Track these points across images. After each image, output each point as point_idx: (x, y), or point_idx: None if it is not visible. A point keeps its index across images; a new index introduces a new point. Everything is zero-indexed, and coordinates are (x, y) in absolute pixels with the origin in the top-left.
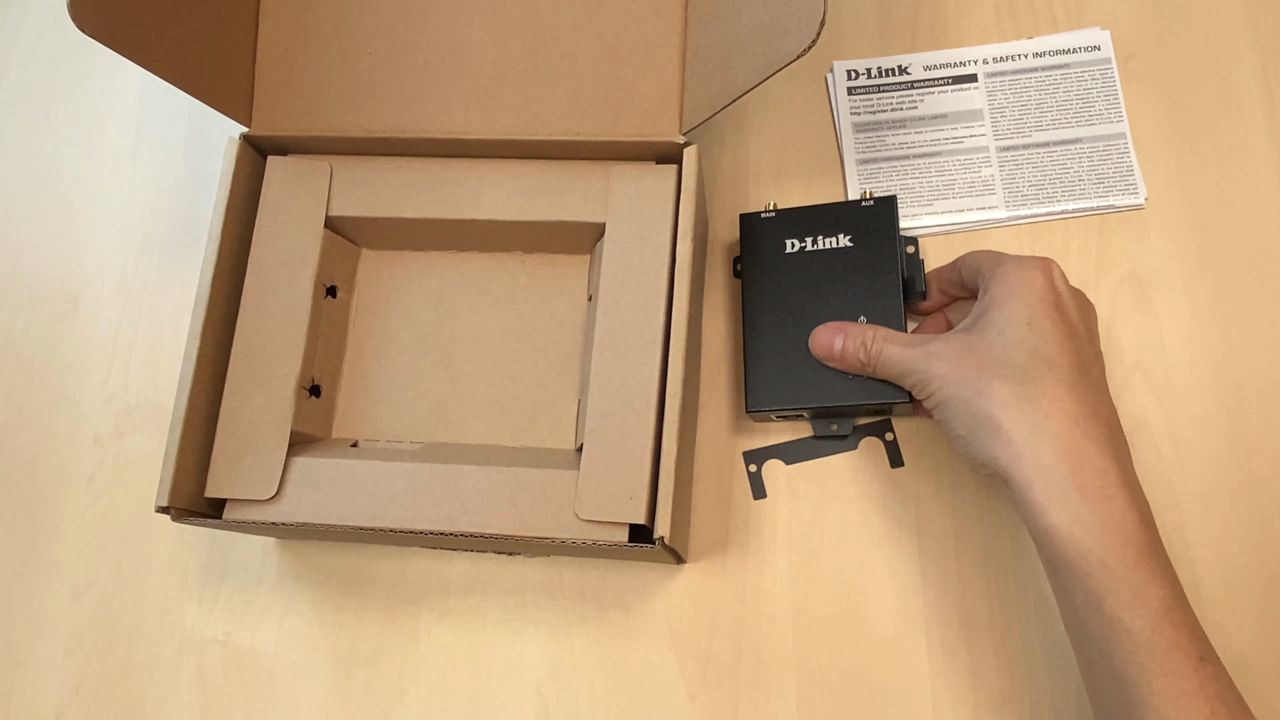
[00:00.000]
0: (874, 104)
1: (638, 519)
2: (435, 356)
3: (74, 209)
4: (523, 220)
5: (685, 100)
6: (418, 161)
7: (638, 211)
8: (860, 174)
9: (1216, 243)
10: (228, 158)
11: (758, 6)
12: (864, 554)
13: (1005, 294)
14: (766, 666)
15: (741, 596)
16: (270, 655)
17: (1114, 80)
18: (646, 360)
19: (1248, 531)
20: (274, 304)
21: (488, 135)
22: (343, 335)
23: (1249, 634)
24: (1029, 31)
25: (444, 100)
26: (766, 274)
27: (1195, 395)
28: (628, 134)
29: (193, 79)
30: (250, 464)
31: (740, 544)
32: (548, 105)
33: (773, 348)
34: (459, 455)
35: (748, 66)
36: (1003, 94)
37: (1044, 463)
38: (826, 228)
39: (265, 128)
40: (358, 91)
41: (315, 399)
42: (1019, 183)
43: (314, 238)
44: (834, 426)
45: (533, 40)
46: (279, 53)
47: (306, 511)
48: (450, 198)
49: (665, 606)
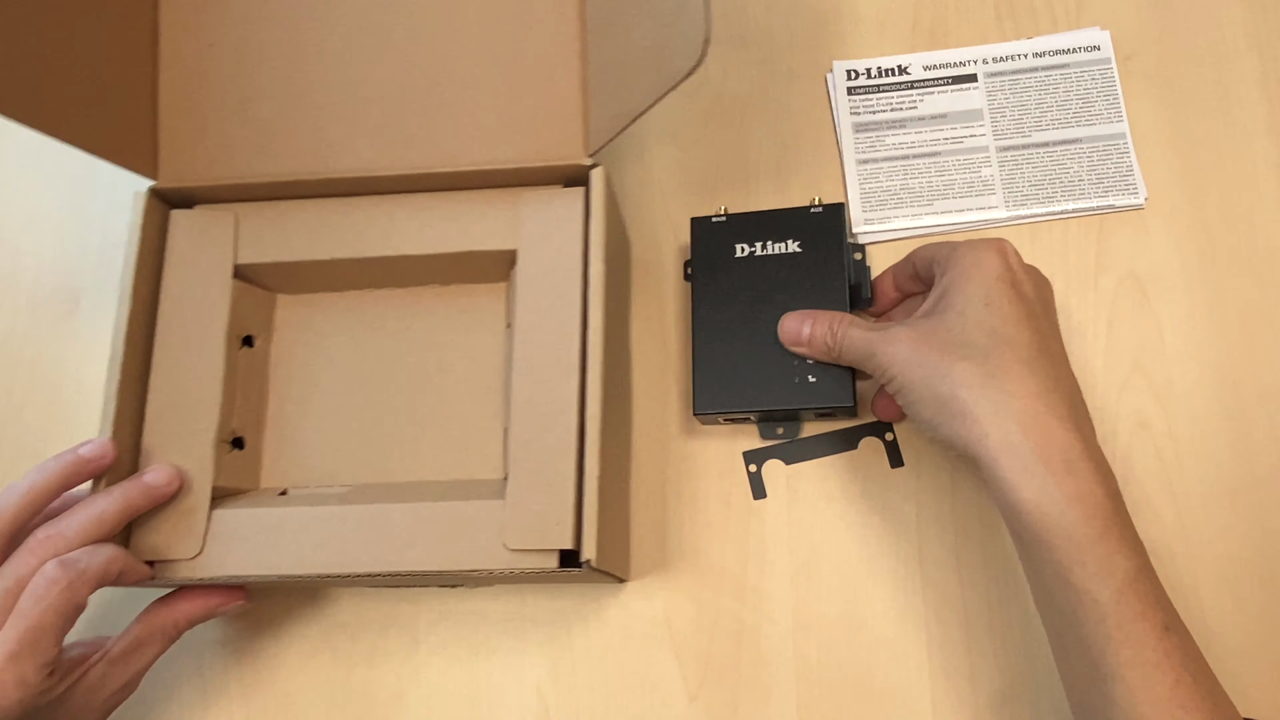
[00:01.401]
0: (874, 104)
1: (565, 544)
2: (360, 396)
3: (75, 208)
4: (435, 253)
5: (589, 122)
6: (327, 202)
7: (549, 236)
8: (860, 174)
9: (1216, 243)
10: (135, 212)
11: (648, 27)
12: (864, 554)
13: (962, 276)
14: (766, 666)
15: (741, 596)
16: (270, 655)
17: (1114, 80)
18: (565, 384)
19: (1248, 531)
20: (187, 359)
21: (394, 171)
22: (263, 384)
23: (1249, 634)
24: (1029, 31)
25: (348, 139)
26: (716, 278)
27: (1195, 395)
28: (534, 159)
29: (94, 137)
30: (173, 523)
31: (740, 544)
32: (452, 136)
33: (721, 351)
34: (387, 495)
35: (643, 87)
36: (1002, 94)
37: (1009, 440)
38: (776, 233)
39: (173, 179)
40: (262, 136)
41: (239, 450)
42: (1019, 183)
43: (223, 289)
44: (780, 430)
45: (432, 72)
46: (181, 103)
47: (233, 565)
48: (361, 236)
49: (665, 606)
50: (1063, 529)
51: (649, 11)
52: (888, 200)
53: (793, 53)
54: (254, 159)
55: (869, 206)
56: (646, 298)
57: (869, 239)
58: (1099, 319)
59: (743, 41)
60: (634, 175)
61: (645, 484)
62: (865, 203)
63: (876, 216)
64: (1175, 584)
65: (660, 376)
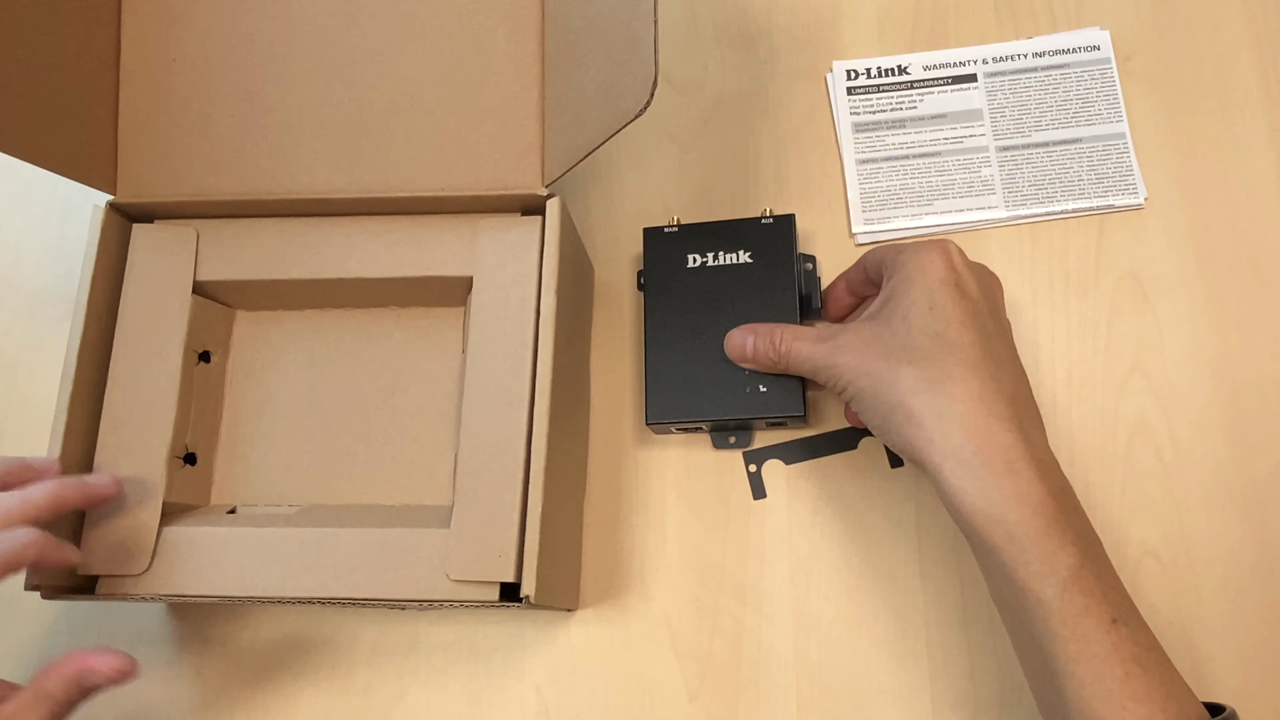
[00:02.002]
0: (873, 104)
1: (506, 577)
2: (313, 416)
3: (75, 209)
4: (391, 277)
5: (546, 153)
6: (285, 222)
7: (504, 264)
8: (860, 174)
9: (1216, 243)
10: (93, 227)
11: (601, 63)
12: (864, 554)
13: (906, 280)
14: (766, 666)
15: (741, 596)
16: (270, 655)
17: (1113, 80)
18: (513, 416)
19: (1248, 531)
20: (143, 373)
21: (352, 194)
22: (218, 400)
23: (1249, 634)
24: (1029, 31)
25: (307, 160)
26: (668, 288)
27: (1195, 395)
28: (492, 188)
29: (52, 154)
30: (122, 538)
31: (740, 544)
32: (411, 161)
33: (673, 361)
34: (335, 518)
35: (596, 122)
36: (1002, 94)
37: (953, 444)
38: (727, 243)
39: (131, 195)
40: (222, 154)
41: (191, 466)
42: (1018, 182)
43: (182, 303)
44: (732, 439)
45: (392, 96)
46: (141, 119)
47: (179, 584)
48: (318, 257)
49: (665, 607)
50: (1005, 529)
51: (603, 49)
52: (888, 200)
53: (793, 53)
54: (212, 176)
55: (869, 206)
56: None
57: (869, 239)
58: (1099, 319)
59: (743, 41)
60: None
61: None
62: (865, 203)
63: (876, 216)
64: (1175, 584)
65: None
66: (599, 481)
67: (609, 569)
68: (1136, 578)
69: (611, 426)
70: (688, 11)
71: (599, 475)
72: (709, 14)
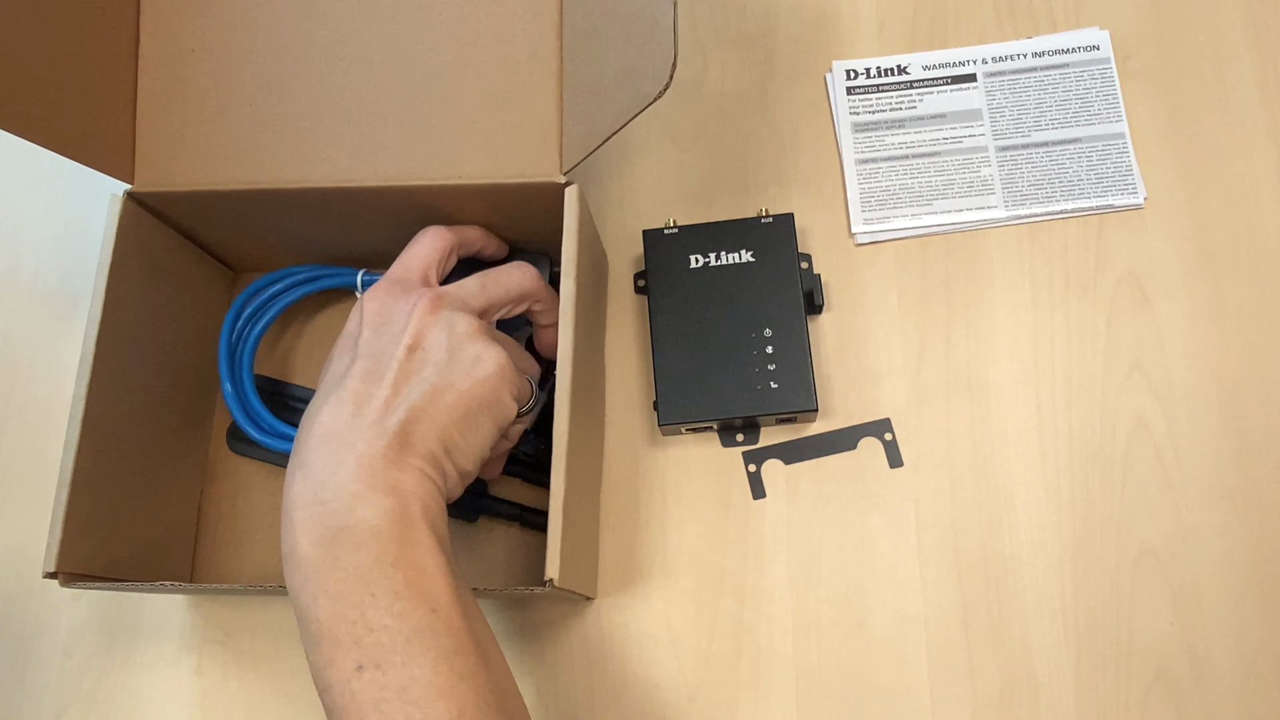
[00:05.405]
0: (873, 104)
1: None
2: None
3: (76, 208)
4: None
5: (564, 141)
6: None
7: None
8: (860, 174)
9: (1216, 242)
10: (111, 216)
11: (620, 49)
12: (864, 554)
13: None
14: (766, 666)
15: (741, 596)
16: (270, 655)
17: (1113, 80)
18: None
19: (1248, 531)
20: None
21: (370, 183)
22: None
23: (1249, 634)
24: (1028, 31)
25: (325, 149)
26: (672, 289)
27: (1195, 395)
28: (510, 176)
29: (70, 141)
30: None
31: (740, 544)
32: (429, 150)
33: (681, 362)
34: None
35: (615, 108)
36: (1002, 94)
37: None
38: (728, 243)
39: (149, 184)
40: (239, 144)
41: None
42: (1018, 182)
43: None
44: (740, 437)
45: (410, 85)
46: (159, 108)
47: None
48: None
49: (665, 606)
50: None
51: (623, 34)
52: (887, 200)
53: (793, 53)
54: (229, 166)
55: (869, 206)
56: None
57: (868, 239)
58: (1098, 319)
59: (743, 41)
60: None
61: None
62: (865, 202)
63: (876, 216)
64: (1175, 584)
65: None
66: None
67: (609, 569)
68: (1136, 577)
69: (612, 426)
70: (687, 11)
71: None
72: (709, 14)
